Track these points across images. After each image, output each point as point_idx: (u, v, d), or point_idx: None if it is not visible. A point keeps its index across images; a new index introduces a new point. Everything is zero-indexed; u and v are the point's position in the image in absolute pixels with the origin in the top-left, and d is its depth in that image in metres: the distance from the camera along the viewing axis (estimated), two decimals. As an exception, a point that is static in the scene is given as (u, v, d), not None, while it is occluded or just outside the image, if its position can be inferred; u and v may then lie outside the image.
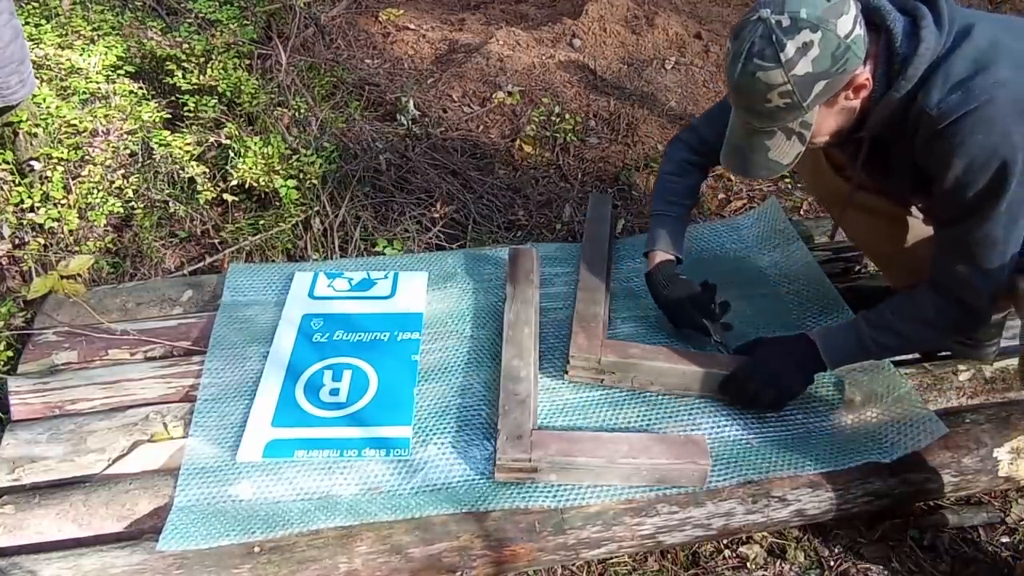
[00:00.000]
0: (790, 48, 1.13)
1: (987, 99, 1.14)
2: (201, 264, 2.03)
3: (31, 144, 1.97)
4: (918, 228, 1.56)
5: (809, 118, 1.21)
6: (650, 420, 1.51)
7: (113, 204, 2.00)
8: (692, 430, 1.49)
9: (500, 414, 1.43)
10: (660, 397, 1.55)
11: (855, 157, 1.41)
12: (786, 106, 1.18)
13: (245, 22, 2.48)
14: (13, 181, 1.94)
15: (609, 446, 1.38)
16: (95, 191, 1.98)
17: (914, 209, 1.56)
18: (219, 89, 2.27)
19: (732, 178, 2.47)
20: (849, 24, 1.14)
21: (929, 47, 1.18)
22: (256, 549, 1.28)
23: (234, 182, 2.10)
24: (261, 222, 2.11)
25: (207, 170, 2.12)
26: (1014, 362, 1.63)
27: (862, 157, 1.38)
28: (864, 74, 1.20)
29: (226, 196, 2.11)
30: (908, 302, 1.38)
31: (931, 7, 1.21)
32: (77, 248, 1.92)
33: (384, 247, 2.08)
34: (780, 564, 1.46)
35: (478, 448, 1.45)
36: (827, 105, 1.22)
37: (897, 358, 1.67)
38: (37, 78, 2.01)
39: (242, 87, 2.29)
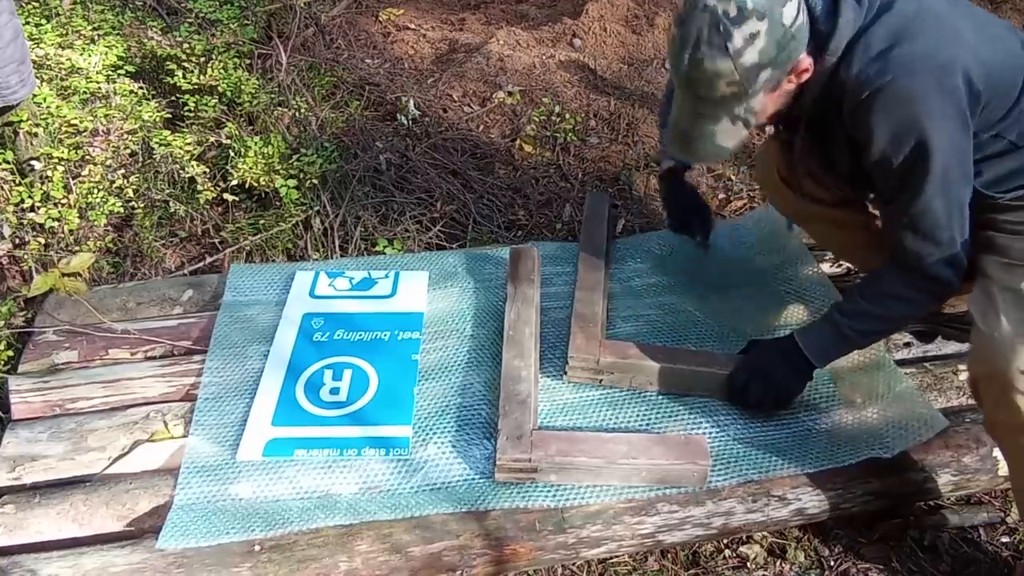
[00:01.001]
0: (737, 38, 1.13)
1: (906, 71, 1.15)
2: (201, 264, 2.03)
3: (31, 144, 1.97)
4: (864, 224, 1.59)
5: (754, 104, 1.21)
6: (650, 420, 1.51)
7: (113, 204, 2.00)
8: (692, 430, 1.49)
9: (500, 414, 1.43)
10: (660, 397, 1.55)
11: (790, 147, 1.43)
12: (732, 94, 1.18)
13: (245, 22, 2.48)
14: (14, 181, 1.94)
15: (609, 446, 1.38)
16: (95, 191, 1.98)
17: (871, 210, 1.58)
18: (219, 89, 2.27)
19: (732, 178, 2.47)
20: (793, 11, 1.15)
21: (848, 20, 1.19)
22: (256, 548, 1.28)
23: (234, 182, 2.10)
24: (261, 222, 2.11)
25: (207, 170, 2.12)
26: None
27: (800, 139, 1.39)
28: (806, 60, 1.21)
29: (226, 196, 2.11)
30: (875, 282, 1.40)
31: None
32: (78, 248, 1.92)
33: (384, 247, 2.08)
34: (780, 564, 1.46)
35: (478, 448, 1.45)
36: (770, 91, 1.22)
37: (897, 357, 1.68)
38: (37, 78, 2.01)
39: (242, 87, 2.29)
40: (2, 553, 1.29)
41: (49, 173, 1.95)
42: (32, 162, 1.96)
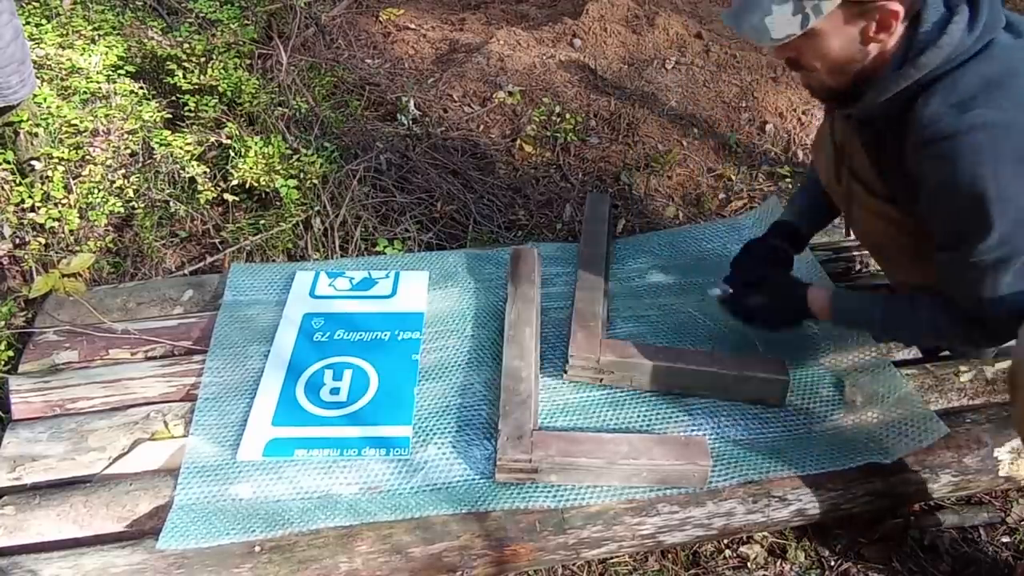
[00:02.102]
0: None
1: (979, 127, 1.10)
2: (202, 264, 2.03)
3: (32, 144, 1.97)
4: (905, 227, 1.53)
5: (825, 6, 1.12)
6: (651, 420, 1.51)
7: (114, 204, 2.00)
8: (693, 430, 1.49)
9: (501, 414, 1.43)
10: (661, 398, 1.55)
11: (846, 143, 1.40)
12: None
13: (246, 22, 2.48)
14: (14, 181, 1.94)
15: (610, 447, 1.38)
16: (96, 191, 1.98)
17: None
18: (220, 89, 2.27)
19: (733, 178, 2.47)
20: None
21: (952, 43, 1.13)
22: (257, 548, 1.28)
23: (235, 182, 2.10)
24: (262, 222, 2.11)
25: (208, 170, 2.12)
26: (1015, 362, 1.63)
27: (858, 142, 1.35)
28: (898, 17, 1.12)
29: (227, 196, 2.11)
30: (929, 302, 1.34)
31: (972, 7, 1.15)
32: (78, 248, 1.92)
33: (385, 247, 2.08)
34: (780, 564, 1.46)
35: (478, 448, 1.45)
36: (844, 12, 1.14)
37: (898, 358, 1.68)
38: (38, 78, 2.01)
39: (243, 87, 2.29)
40: (2, 554, 1.29)
41: (49, 173, 1.95)
42: (32, 162, 1.96)
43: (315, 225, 2.08)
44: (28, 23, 2.23)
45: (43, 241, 1.90)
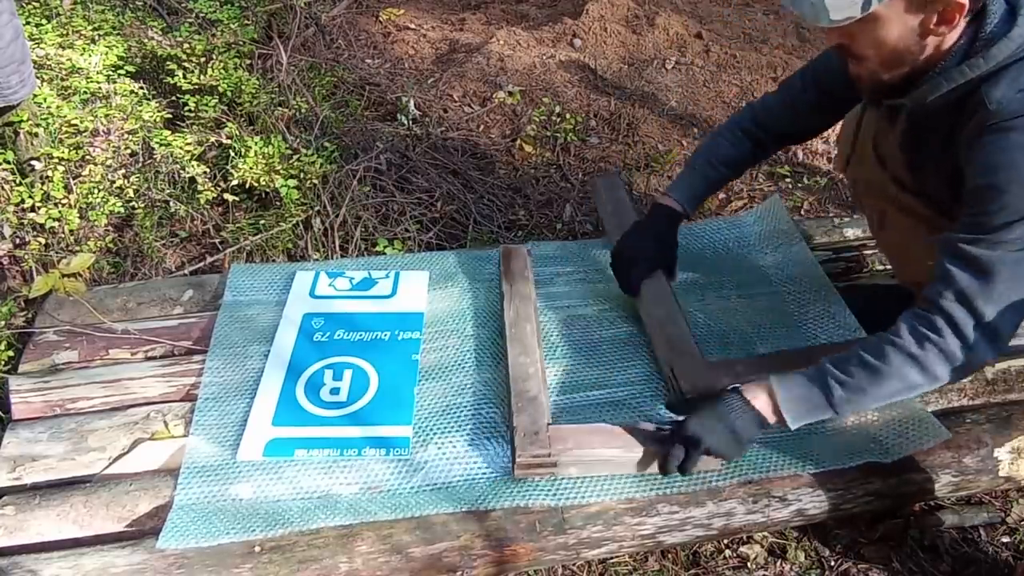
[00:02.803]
0: None
1: None
2: (202, 264, 2.03)
3: (32, 144, 1.97)
4: (923, 221, 1.48)
5: None
6: (650, 421, 1.50)
7: (114, 204, 2.00)
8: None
9: (513, 411, 1.42)
10: (661, 397, 1.55)
11: (895, 136, 1.35)
12: None
13: (246, 22, 2.48)
14: (14, 181, 1.94)
15: (625, 436, 1.38)
16: (96, 191, 1.99)
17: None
18: (220, 89, 2.27)
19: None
20: None
21: (1022, 35, 1.12)
22: (257, 548, 1.28)
23: (235, 182, 2.10)
24: (262, 222, 2.11)
25: (208, 170, 2.12)
26: (1016, 363, 1.63)
27: (898, 134, 1.32)
28: (964, 3, 1.09)
29: (227, 196, 2.11)
30: (885, 336, 1.23)
31: None
32: (78, 248, 1.92)
33: (385, 247, 2.08)
34: (780, 564, 1.46)
35: (479, 448, 1.45)
36: (908, 6, 1.11)
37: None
38: (38, 78, 2.01)
39: (243, 87, 2.29)
40: (2, 554, 1.29)
41: (49, 173, 1.95)
42: (32, 162, 1.96)
43: (315, 225, 2.08)
44: (28, 23, 2.23)
45: (43, 241, 1.90)
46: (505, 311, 1.65)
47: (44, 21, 2.28)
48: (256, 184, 2.09)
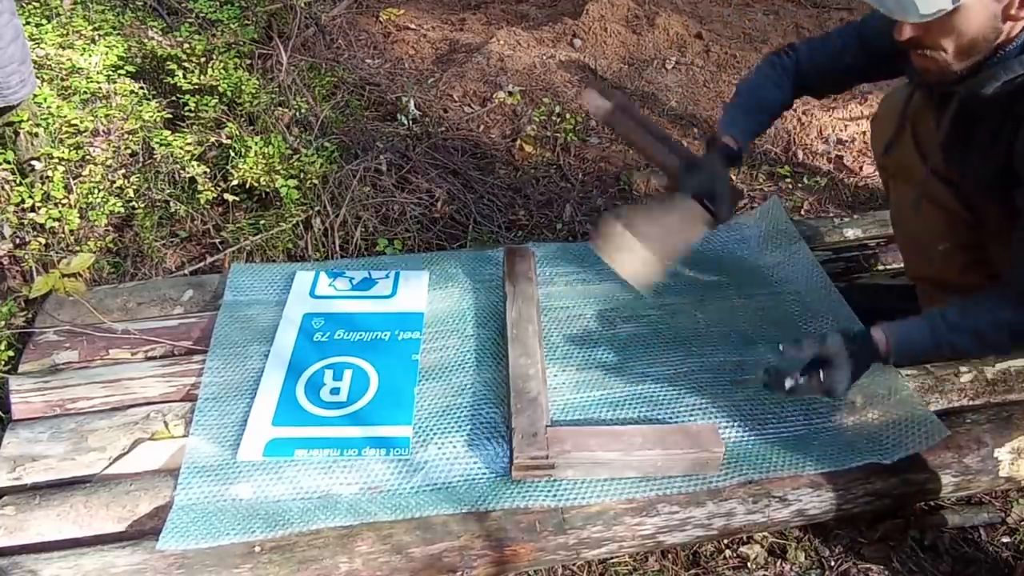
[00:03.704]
0: None
1: None
2: (202, 264, 2.03)
3: (32, 144, 1.97)
4: (946, 214, 1.50)
5: None
6: (650, 421, 1.50)
7: (114, 204, 2.00)
8: (693, 430, 1.49)
9: (513, 412, 1.42)
10: (660, 397, 1.55)
11: (938, 122, 1.33)
12: None
13: (246, 22, 2.48)
14: (14, 181, 1.94)
15: (624, 439, 1.38)
16: (96, 191, 1.98)
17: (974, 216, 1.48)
18: (220, 89, 2.27)
19: (732, 178, 2.46)
20: None
21: None
22: (257, 549, 1.28)
23: (235, 182, 2.10)
24: (262, 222, 2.11)
25: (208, 170, 2.12)
26: (1016, 363, 1.63)
27: (946, 123, 1.30)
28: None
29: (227, 196, 2.11)
30: (992, 298, 1.28)
31: None
32: (78, 248, 1.92)
33: (385, 247, 2.08)
34: (781, 564, 1.46)
35: (479, 448, 1.45)
36: None
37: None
38: (38, 78, 2.01)
39: (243, 87, 2.29)
40: (2, 554, 1.29)
41: (49, 173, 1.95)
42: (33, 162, 1.96)
43: (315, 225, 2.08)
44: (28, 23, 2.23)
45: (43, 241, 1.90)
46: (508, 311, 1.64)
47: (44, 21, 2.28)
48: (256, 184, 2.09)
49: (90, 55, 2.19)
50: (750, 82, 1.60)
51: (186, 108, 2.22)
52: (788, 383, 1.30)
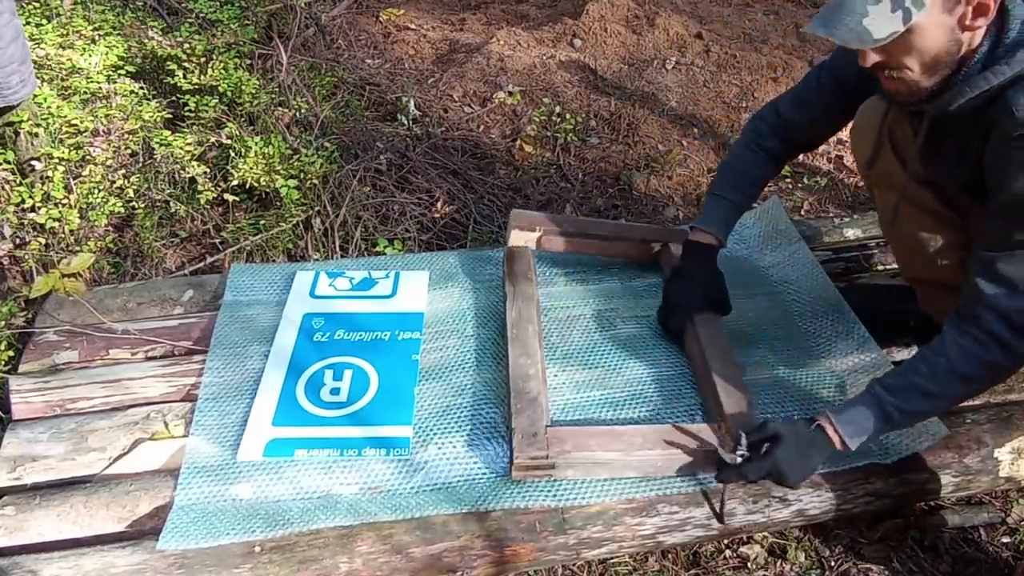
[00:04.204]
0: None
1: None
2: (202, 264, 2.03)
3: (32, 144, 1.97)
4: (934, 218, 1.50)
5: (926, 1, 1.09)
6: (650, 421, 1.50)
7: (114, 204, 2.00)
8: (693, 430, 1.49)
9: (513, 412, 1.42)
10: (660, 397, 1.55)
11: (915, 132, 1.35)
12: None
13: (246, 22, 2.48)
14: (14, 181, 1.94)
15: (624, 439, 1.38)
16: (96, 191, 1.98)
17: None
18: (220, 89, 2.27)
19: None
20: None
21: None
22: (257, 549, 1.28)
23: (235, 182, 2.10)
24: (262, 222, 2.11)
25: (208, 170, 2.12)
26: (1015, 362, 1.63)
27: (922, 135, 1.32)
28: (993, 5, 1.09)
29: (227, 196, 2.11)
30: (928, 354, 1.26)
31: None
32: (78, 248, 1.92)
33: (385, 247, 2.08)
34: (781, 564, 1.46)
35: (479, 448, 1.45)
36: (944, 5, 1.10)
37: (896, 358, 1.68)
38: (38, 78, 2.01)
39: (243, 87, 2.29)
40: (2, 554, 1.29)
41: (50, 173, 1.95)
42: (33, 162, 1.96)
43: (315, 225, 2.08)
44: (28, 23, 2.23)
45: (43, 241, 1.90)
46: (508, 311, 1.64)
47: (44, 21, 2.28)
48: (256, 184, 2.09)
49: (90, 55, 2.19)
50: (728, 160, 1.65)
51: (186, 108, 2.22)
52: (728, 458, 1.30)
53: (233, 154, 2.14)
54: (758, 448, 1.30)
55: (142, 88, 2.27)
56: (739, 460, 1.29)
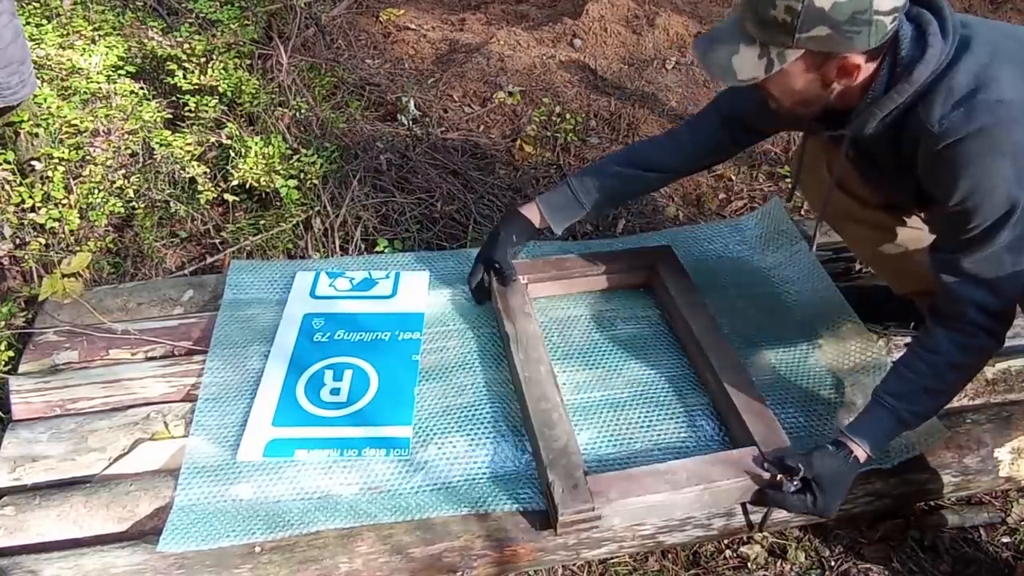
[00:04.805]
0: None
1: (991, 121, 1.11)
2: (202, 264, 2.03)
3: (32, 144, 1.97)
4: (906, 236, 1.54)
5: (789, 56, 1.14)
6: (651, 421, 1.51)
7: (114, 204, 2.00)
8: (693, 431, 1.49)
9: (546, 463, 1.33)
10: (662, 398, 1.55)
11: (854, 166, 1.40)
12: (782, 24, 1.11)
13: (246, 22, 2.48)
14: (14, 181, 1.94)
15: (667, 477, 1.31)
16: (96, 191, 1.98)
17: (906, 219, 1.54)
18: (220, 89, 2.27)
19: (733, 178, 2.46)
20: (888, 5, 1.09)
21: (935, 54, 1.15)
22: (257, 549, 1.28)
23: (235, 182, 2.10)
24: (262, 222, 2.11)
25: (208, 170, 2.12)
26: (1016, 363, 1.64)
27: (843, 151, 1.36)
28: (860, 64, 1.15)
29: (227, 196, 2.11)
30: (924, 354, 1.31)
31: (936, 15, 1.18)
32: (78, 248, 1.92)
33: (385, 247, 2.08)
34: (781, 564, 1.46)
35: (479, 448, 1.45)
36: (806, 61, 1.15)
37: (896, 358, 1.67)
38: (38, 78, 2.01)
39: (243, 87, 2.29)
40: (2, 554, 1.29)
41: (50, 173, 1.95)
42: (33, 162, 1.96)
43: (315, 225, 2.08)
44: (28, 23, 2.23)
45: (43, 241, 1.90)
46: (513, 353, 1.54)
47: (44, 21, 2.28)
48: (256, 184, 2.09)
49: (90, 55, 2.19)
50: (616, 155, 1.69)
51: (186, 108, 2.22)
52: (787, 486, 1.30)
53: (233, 154, 2.14)
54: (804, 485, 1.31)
55: (142, 88, 2.27)
56: (792, 490, 1.30)
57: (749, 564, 1.46)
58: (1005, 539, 1.51)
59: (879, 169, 1.36)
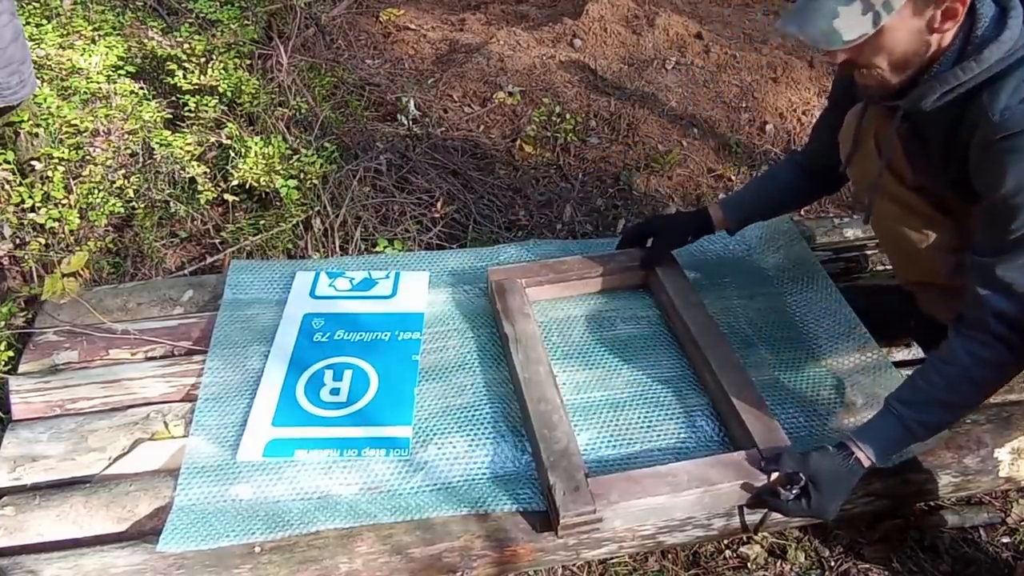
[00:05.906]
0: None
1: None
2: (202, 264, 2.03)
3: (32, 144, 1.97)
4: (928, 227, 1.50)
5: (895, 2, 1.10)
6: (651, 421, 1.51)
7: (114, 204, 2.00)
8: (693, 431, 1.49)
9: (547, 466, 1.33)
10: (662, 398, 1.55)
11: (898, 134, 1.37)
12: None
13: (246, 22, 2.48)
14: (14, 181, 1.94)
15: (668, 479, 1.32)
16: (96, 191, 1.98)
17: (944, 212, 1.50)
18: (220, 89, 2.27)
19: (733, 178, 2.47)
20: None
21: (1011, 37, 1.12)
22: (257, 549, 1.28)
23: (235, 182, 2.10)
24: (262, 222, 2.11)
25: (208, 170, 2.12)
26: (1015, 362, 1.63)
27: (904, 135, 1.34)
28: (959, 6, 1.11)
29: (227, 196, 2.11)
30: (938, 364, 1.28)
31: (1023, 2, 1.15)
32: (78, 248, 1.92)
33: (385, 247, 2.08)
34: (781, 564, 1.46)
35: (479, 448, 1.45)
36: (914, 8, 1.11)
37: (896, 358, 1.68)
38: (38, 78, 2.01)
39: (243, 87, 2.29)
40: (2, 554, 1.29)
41: (50, 173, 1.95)
42: (33, 162, 1.96)
43: (315, 225, 2.08)
44: (28, 23, 2.23)
45: (43, 241, 1.90)
46: (512, 354, 1.54)
47: (44, 21, 2.28)
48: (256, 184, 2.09)
49: (90, 55, 2.19)
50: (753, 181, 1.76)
51: (186, 108, 2.22)
52: (784, 495, 1.30)
53: (233, 154, 2.14)
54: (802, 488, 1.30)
55: (142, 88, 2.27)
56: (791, 496, 1.29)
57: (749, 564, 1.46)
58: (1005, 539, 1.51)
59: (927, 150, 1.32)
